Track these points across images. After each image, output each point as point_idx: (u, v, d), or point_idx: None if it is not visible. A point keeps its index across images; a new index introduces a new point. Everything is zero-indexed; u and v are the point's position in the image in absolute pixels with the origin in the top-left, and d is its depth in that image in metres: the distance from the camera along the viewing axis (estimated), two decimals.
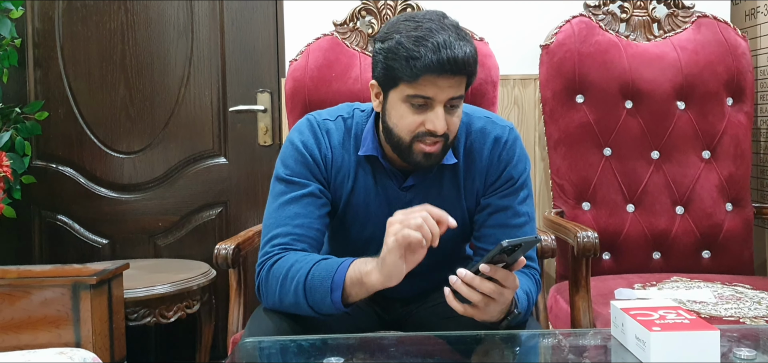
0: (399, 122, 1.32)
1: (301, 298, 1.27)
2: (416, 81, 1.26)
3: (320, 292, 1.25)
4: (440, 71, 1.25)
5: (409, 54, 1.25)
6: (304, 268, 1.28)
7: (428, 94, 1.28)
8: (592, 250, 1.69)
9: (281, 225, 1.35)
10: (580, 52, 2.12)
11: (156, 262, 2.36)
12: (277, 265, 1.32)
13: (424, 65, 1.24)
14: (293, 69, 2.11)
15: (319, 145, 1.41)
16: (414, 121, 1.31)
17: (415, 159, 1.34)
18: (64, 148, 2.46)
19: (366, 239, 1.43)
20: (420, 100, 1.29)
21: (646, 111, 2.13)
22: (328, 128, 1.43)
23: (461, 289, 1.17)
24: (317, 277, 1.26)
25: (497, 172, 1.41)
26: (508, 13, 2.32)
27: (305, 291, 1.26)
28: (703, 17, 2.21)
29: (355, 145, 1.42)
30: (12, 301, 1.70)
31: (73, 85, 2.44)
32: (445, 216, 1.20)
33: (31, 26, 2.41)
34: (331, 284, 1.24)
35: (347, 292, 1.25)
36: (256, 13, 2.42)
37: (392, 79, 1.30)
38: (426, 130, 1.30)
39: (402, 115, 1.31)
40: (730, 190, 2.14)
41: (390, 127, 1.34)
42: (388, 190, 1.42)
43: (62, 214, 2.48)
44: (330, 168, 1.41)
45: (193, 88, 2.44)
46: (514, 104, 2.35)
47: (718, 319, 1.65)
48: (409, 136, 1.32)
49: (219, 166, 2.48)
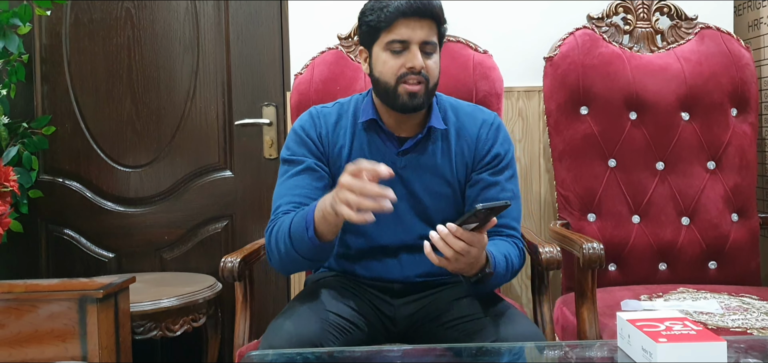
0: (383, 69, 1.51)
1: (289, 245, 1.43)
2: (391, 26, 1.48)
3: (300, 233, 1.40)
4: (411, 13, 1.47)
5: (382, 4, 1.49)
6: (287, 220, 1.44)
7: (404, 37, 1.49)
8: (598, 262, 1.69)
9: (282, 196, 1.53)
10: (584, 64, 2.13)
11: (162, 276, 2.37)
12: (275, 228, 1.48)
13: (395, 9, 1.47)
14: (298, 82, 2.12)
15: (315, 125, 1.60)
16: (395, 63, 1.50)
17: (402, 100, 1.51)
18: (71, 163, 2.47)
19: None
20: (397, 44, 1.49)
21: (650, 122, 2.13)
22: (326, 113, 1.63)
23: (437, 243, 1.30)
24: (296, 223, 1.42)
25: (485, 148, 1.59)
26: (512, 26, 2.33)
27: (290, 238, 1.42)
28: (707, 28, 2.22)
29: (352, 119, 1.60)
30: (19, 315, 1.71)
31: (79, 99, 2.46)
32: (375, 167, 1.29)
33: (39, 42, 2.43)
34: (305, 223, 1.39)
35: (318, 229, 1.38)
36: (262, 27, 2.44)
37: (373, 32, 1.52)
38: (406, 69, 1.49)
39: (385, 61, 1.51)
40: (735, 201, 2.14)
41: (377, 78, 1.54)
42: (386, 156, 1.56)
43: (69, 228, 2.49)
44: (326, 144, 1.59)
45: (199, 102, 2.45)
46: (519, 116, 2.35)
47: (725, 330, 1.64)
48: (393, 79, 1.50)
49: (225, 180, 2.49)
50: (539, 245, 1.74)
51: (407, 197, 1.57)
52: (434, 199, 1.58)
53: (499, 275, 1.46)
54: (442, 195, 1.58)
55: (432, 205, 1.58)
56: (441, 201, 1.58)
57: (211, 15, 2.44)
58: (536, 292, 1.84)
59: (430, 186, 1.58)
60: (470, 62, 2.10)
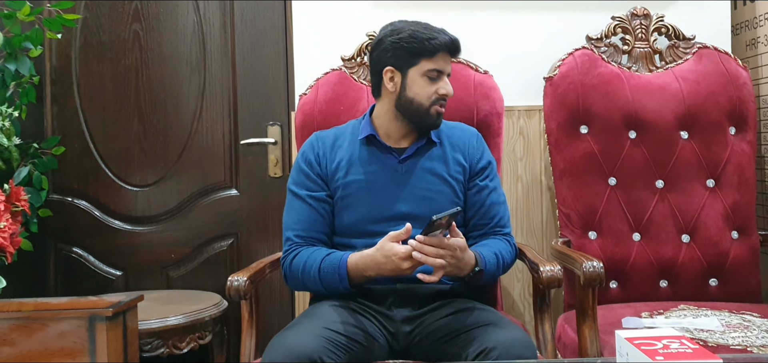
0: (420, 92, 1.74)
1: (319, 286, 1.68)
2: (434, 57, 1.73)
3: (333, 282, 1.65)
4: (449, 49, 1.74)
5: (429, 36, 1.72)
6: (316, 263, 1.67)
7: (441, 68, 1.74)
8: (598, 280, 1.71)
9: (290, 228, 1.78)
10: (584, 83, 2.16)
11: (168, 294, 2.39)
12: (294, 263, 1.72)
13: (441, 42, 1.72)
14: (303, 103, 2.16)
15: (313, 149, 1.83)
16: (431, 89, 1.74)
17: (431, 119, 1.76)
18: (80, 182, 2.51)
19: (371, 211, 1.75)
20: (435, 73, 1.74)
21: (649, 141, 2.16)
22: (323, 136, 1.86)
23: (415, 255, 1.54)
24: (326, 270, 1.65)
25: (477, 154, 1.84)
26: (512, 47, 2.37)
27: (321, 282, 1.66)
28: (704, 48, 2.25)
29: (351, 138, 1.82)
30: (29, 333, 1.73)
31: (88, 120, 2.50)
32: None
33: (49, 64, 2.48)
34: (338, 276, 1.64)
35: (353, 279, 1.64)
36: (267, 49, 2.48)
37: (412, 58, 1.73)
38: (439, 95, 1.75)
39: (422, 86, 1.74)
40: (735, 218, 2.16)
41: (411, 98, 1.75)
42: (388, 164, 1.78)
43: (77, 247, 2.52)
44: (324, 163, 1.80)
45: (205, 121, 2.49)
46: (520, 135, 2.38)
47: (725, 347, 1.66)
48: (428, 102, 1.75)
49: (230, 198, 2.52)
50: (540, 264, 1.76)
51: (410, 198, 1.74)
52: (435, 197, 1.76)
53: (491, 270, 1.69)
54: (442, 193, 1.77)
55: (433, 204, 1.73)
56: (441, 199, 1.76)
57: (218, 37, 2.48)
58: (538, 310, 1.86)
59: (430, 186, 1.77)
60: (471, 82, 2.14)
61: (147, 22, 2.47)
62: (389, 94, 1.78)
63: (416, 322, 1.64)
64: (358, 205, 1.75)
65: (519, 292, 2.41)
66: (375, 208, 1.74)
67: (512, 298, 2.40)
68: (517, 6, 2.38)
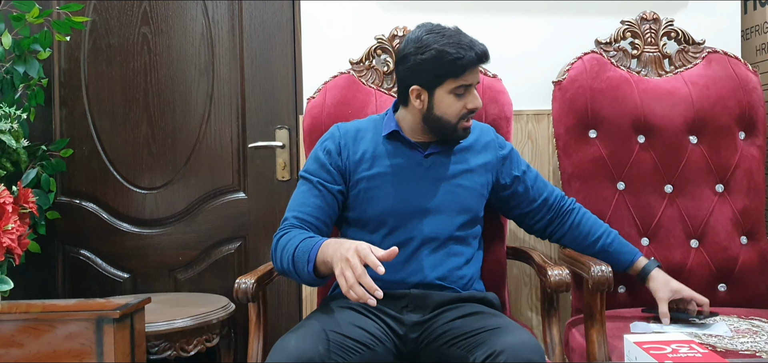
0: (448, 110, 1.71)
1: (291, 267, 1.59)
2: (462, 76, 1.67)
3: (302, 264, 1.56)
4: (477, 63, 1.68)
5: (456, 56, 1.65)
6: (293, 242, 1.60)
7: (468, 83, 1.69)
8: (607, 284, 1.71)
9: (291, 209, 1.73)
10: (592, 88, 2.16)
11: (176, 296, 2.39)
12: (280, 241, 1.65)
13: (468, 61, 1.66)
14: (311, 106, 2.16)
15: (334, 139, 1.79)
16: (459, 105, 1.70)
17: (459, 135, 1.74)
18: (88, 184, 2.51)
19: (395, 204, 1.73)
20: (462, 89, 1.69)
21: (658, 145, 2.15)
22: (347, 128, 1.82)
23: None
24: (300, 252, 1.57)
25: (505, 148, 1.87)
26: (521, 51, 2.37)
27: (293, 263, 1.58)
28: (714, 53, 2.24)
29: (373, 133, 1.79)
30: (37, 334, 1.74)
31: (97, 123, 2.50)
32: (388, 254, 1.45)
33: (58, 67, 2.49)
34: (308, 258, 1.54)
35: (318, 268, 1.54)
36: (275, 52, 2.49)
37: (439, 78, 1.68)
38: (467, 110, 1.71)
39: (450, 104, 1.70)
40: (744, 224, 2.15)
41: (439, 117, 1.72)
42: (412, 158, 1.76)
43: (85, 249, 2.53)
44: (345, 153, 1.77)
45: (213, 125, 2.50)
46: (528, 139, 2.38)
47: (734, 352, 1.65)
48: (456, 119, 1.71)
49: (238, 201, 2.52)
50: (548, 268, 1.75)
51: (434, 192, 1.74)
52: (459, 191, 1.76)
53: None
54: (466, 188, 1.78)
55: (458, 198, 1.76)
56: (464, 193, 1.77)
57: (226, 40, 2.49)
58: (546, 315, 1.85)
59: (454, 181, 1.77)
60: (480, 86, 2.13)
61: (156, 25, 2.48)
62: (416, 110, 1.75)
63: (424, 326, 1.64)
64: (383, 198, 1.74)
65: (527, 297, 2.40)
66: (399, 201, 1.73)
67: (520, 302, 2.40)
68: (526, 10, 2.38)
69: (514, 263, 2.32)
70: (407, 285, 1.68)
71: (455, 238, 1.74)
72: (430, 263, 1.70)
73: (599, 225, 1.91)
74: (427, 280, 1.68)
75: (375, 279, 1.69)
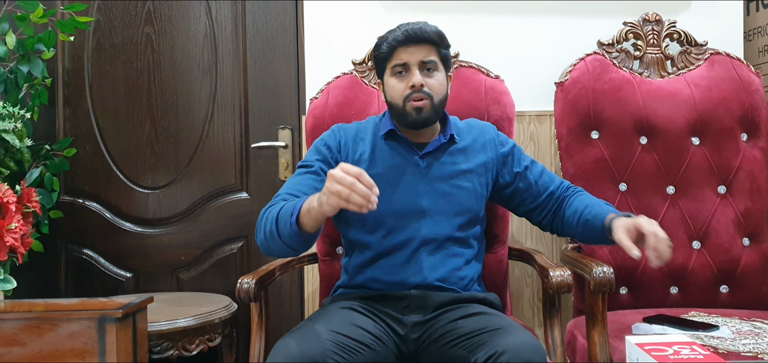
0: (392, 92, 1.73)
1: (274, 228, 1.53)
2: (393, 55, 1.71)
3: (285, 219, 1.51)
4: (406, 41, 1.69)
5: (385, 38, 1.72)
6: (277, 207, 1.57)
7: (403, 61, 1.70)
8: (608, 286, 1.71)
9: (284, 189, 1.70)
10: (594, 89, 2.16)
11: (178, 296, 2.40)
12: (267, 210, 1.60)
13: (393, 39, 1.70)
14: (313, 107, 2.16)
15: (335, 135, 1.81)
16: (401, 86, 1.71)
17: (411, 117, 1.71)
18: (91, 184, 2.52)
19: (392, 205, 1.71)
20: (399, 68, 1.71)
21: (660, 147, 2.15)
22: (346, 127, 1.85)
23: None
24: (284, 210, 1.53)
25: (506, 146, 1.85)
26: (523, 52, 2.37)
27: (277, 222, 1.53)
28: (716, 54, 2.24)
29: (372, 134, 1.80)
30: (40, 333, 1.74)
31: (100, 122, 2.51)
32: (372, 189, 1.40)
33: (62, 66, 2.49)
34: (291, 211, 1.50)
35: (302, 219, 1.48)
36: (278, 52, 2.49)
37: (381, 63, 1.75)
38: (409, 88, 1.69)
39: (392, 86, 1.73)
40: (746, 225, 2.15)
41: (389, 101, 1.75)
42: (408, 158, 1.76)
43: (88, 248, 2.53)
44: (345, 151, 1.78)
45: (216, 125, 2.50)
46: (531, 140, 2.38)
47: (735, 354, 1.64)
48: (401, 100, 1.71)
49: (241, 201, 2.53)
50: (550, 269, 1.75)
51: (431, 193, 1.73)
52: (456, 193, 1.75)
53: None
54: (464, 188, 1.76)
55: (455, 200, 1.75)
56: (462, 195, 1.76)
57: (229, 40, 2.49)
58: (547, 315, 1.85)
59: (451, 181, 1.76)
60: (482, 87, 2.14)
61: (159, 25, 2.49)
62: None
63: (425, 326, 1.64)
64: (381, 200, 1.67)
65: (528, 297, 2.40)
66: (397, 202, 1.72)
67: (521, 303, 2.40)
68: (528, 11, 2.38)
69: (516, 264, 2.33)
70: (408, 286, 1.68)
71: (454, 240, 1.74)
72: (430, 264, 1.70)
73: (584, 202, 1.76)
74: (428, 282, 1.68)
75: (375, 281, 1.70)
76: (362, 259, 1.74)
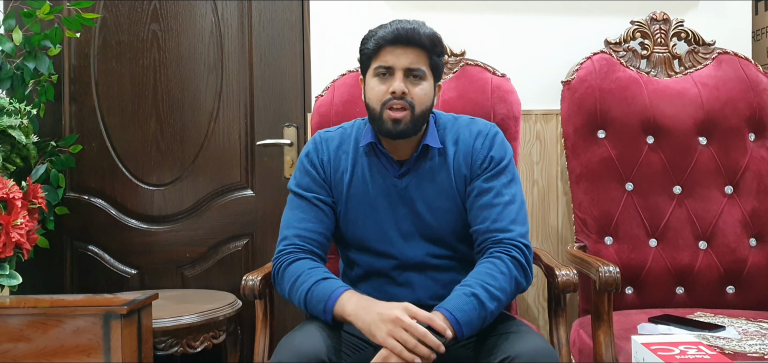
0: (371, 94, 1.58)
1: (303, 306, 1.52)
2: (378, 53, 1.56)
3: (317, 310, 1.49)
4: (394, 42, 1.54)
5: (372, 34, 1.58)
6: (306, 284, 1.51)
7: (388, 63, 1.55)
8: (614, 285, 1.70)
9: (289, 227, 1.63)
10: (601, 88, 2.15)
11: (183, 293, 2.40)
12: (288, 270, 1.57)
13: (381, 37, 1.55)
14: (319, 104, 2.16)
15: (317, 152, 1.69)
16: (380, 89, 1.56)
17: (386, 126, 1.56)
18: (97, 180, 2.52)
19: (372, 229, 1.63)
20: (382, 69, 1.56)
21: (667, 146, 2.14)
22: (328, 138, 1.71)
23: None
24: (315, 298, 1.49)
25: (480, 156, 1.62)
26: (530, 51, 2.36)
27: (306, 305, 1.52)
28: (724, 54, 2.23)
29: (354, 144, 1.67)
30: (45, 329, 1.74)
31: (106, 119, 2.51)
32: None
33: (68, 63, 2.50)
34: (324, 308, 1.47)
35: (336, 316, 1.47)
36: (284, 50, 2.49)
37: (365, 61, 1.61)
38: (389, 94, 1.54)
39: (372, 87, 1.58)
40: (753, 226, 2.14)
41: (367, 103, 1.60)
42: (387, 179, 1.63)
43: (93, 245, 2.54)
44: (328, 169, 1.67)
45: (222, 122, 2.50)
46: (537, 139, 2.37)
47: (742, 355, 1.64)
48: (378, 105, 1.56)
49: (246, 199, 2.53)
50: (556, 268, 1.75)
51: (411, 217, 1.63)
52: (437, 215, 1.63)
53: (474, 319, 1.43)
54: (445, 210, 1.62)
55: (436, 222, 1.63)
56: (444, 216, 1.62)
57: (235, 38, 2.49)
58: (553, 315, 1.85)
59: (432, 203, 1.63)
60: (488, 86, 2.13)
61: (165, 23, 2.49)
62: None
63: None
64: (360, 223, 1.65)
65: (534, 297, 2.39)
66: (376, 226, 1.64)
67: (527, 302, 2.39)
68: (535, 9, 2.38)
69: None
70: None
71: (441, 257, 1.64)
72: (421, 285, 1.63)
73: (471, 274, 1.53)
74: (422, 302, 1.58)
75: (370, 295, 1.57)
76: (356, 274, 1.71)
